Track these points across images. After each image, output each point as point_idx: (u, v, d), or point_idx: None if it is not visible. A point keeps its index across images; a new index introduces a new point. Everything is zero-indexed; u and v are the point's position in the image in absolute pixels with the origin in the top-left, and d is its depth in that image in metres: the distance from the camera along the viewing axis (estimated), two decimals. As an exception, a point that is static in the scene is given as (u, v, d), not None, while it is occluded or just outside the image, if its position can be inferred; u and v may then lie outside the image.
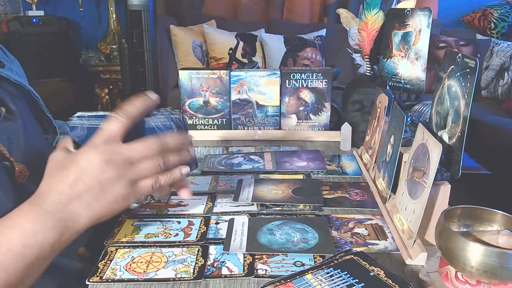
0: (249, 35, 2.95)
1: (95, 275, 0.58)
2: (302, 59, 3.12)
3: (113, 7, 3.53)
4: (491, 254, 0.48)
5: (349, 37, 1.06)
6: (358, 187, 0.86)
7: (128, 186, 0.55)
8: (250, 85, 1.14)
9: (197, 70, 1.15)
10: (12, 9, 3.48)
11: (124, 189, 0.55)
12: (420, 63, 0.86)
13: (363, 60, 1.06)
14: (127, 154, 0.55)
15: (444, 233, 0.53)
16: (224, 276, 0.58)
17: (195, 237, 0.67)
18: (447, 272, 0.55)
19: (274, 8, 3.48)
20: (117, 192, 0.54)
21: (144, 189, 0.57)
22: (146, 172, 0.56)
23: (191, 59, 3.09)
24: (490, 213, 0.58)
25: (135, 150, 0.55)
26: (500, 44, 3.02)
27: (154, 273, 0.59)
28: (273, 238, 0.66)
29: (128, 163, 0.55)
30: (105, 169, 0.53)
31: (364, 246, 0.66)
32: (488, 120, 2.55)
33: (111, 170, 0.53)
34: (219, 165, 0.96)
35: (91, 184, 0.53)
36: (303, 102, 1.15)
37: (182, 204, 0.78)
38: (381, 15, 0.98)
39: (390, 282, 0.54)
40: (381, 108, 0.89)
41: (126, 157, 0.55)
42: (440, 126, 0.66)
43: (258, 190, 0.82)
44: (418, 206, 0.61)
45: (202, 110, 1.16)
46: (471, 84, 0.57)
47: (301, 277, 0.55)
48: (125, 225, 0.71)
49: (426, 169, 0.61)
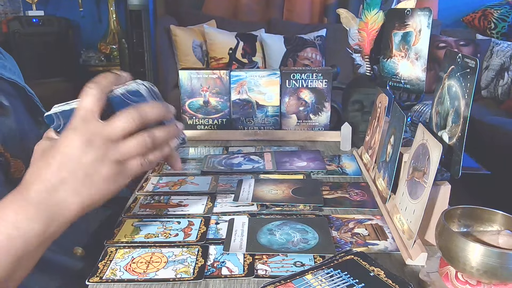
0: (249, 35, 2.96)
1: (95, 275, 0.58)
2: (302, 59, 3.12)
3: (113, 7, 3.54)
4: (491, 254, 0.48)
5: (349, 37, 1.06)
6: (358, 187, 0.86)
7: (115, 166, 0.52)
8: (250, 85, 1.14)
9: (197, 70, 1.15)
10: (12, 9, 3.48)
11: (111, 170, 0.51)
12: (420, 63, 0.86)
13: (363, 60, 1.06)
14: (107, 133, 0.51)
15: (444, 233, 0.53)
16: (224, 276, 0.58)
17: (195, 237, 0.67)
18: (447, 272, 0.55)
19: (274, 8, 3.48)
20: (104, 174, 0.51)
21: (133, 168, 0.53)
22: (132, 151, 0.52)
23: (191, 59, 3.09)
24: (490, 213, 0.57)
25: (115, 127, 0.51)
26: (500, 44, 3.02)
27: (154, 273, 0.59)
28: (273, 238, 0.66)
29: (110, 142, 0.51)
30: (86, 151, 0.50)
31: (364, 246, 0.66)
32: (488, 120, 2.55)
33: (93, 151, 0.50)
34: (219, 165, 0.96)
35: (74, 169, 0.50)
36: (303, 102, 1.15)
37: (182, 204, 0.78)
38: (381, 15, 0.98)
39: (390, 282, 0.54)
40: (381, 108, 0.89)
41: (106, 136, 0.51)
42: (440, 126, 0.66)
43: (258, 190, 0.82)
44: (418, 206, 0.61)
45: (202, 110, 1.16)
46: (471, 84, 0.57)
47: (301, 277, 0.55)
48: (125, 225, 0.71)
49: (426, 169, 0.61)
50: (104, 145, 0.51)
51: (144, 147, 0.53)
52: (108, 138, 0.51)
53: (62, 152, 0.50)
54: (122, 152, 0.52)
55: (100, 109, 0.51)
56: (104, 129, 0.51)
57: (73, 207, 0.51)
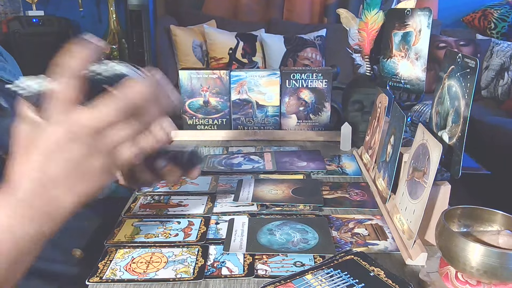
0: (249, 35, 2.96)
1: (95, 276, 0.58)
2: (302, 59, 3.12)
3: (113, 7, 3.53)
4: (491, 254, 0.48)
5: (349, 37, 1.06)
6: (358, 187, 0.86)
7: (105, 157, 0.48)
8: (250, 85, 1.14)
9: (197, 70, 1.15)
10: (12, 9, 3.48)
11: (101, 161, 0.48)
12: (420, 63, 0.86)
13: (363, 60, 1.06)
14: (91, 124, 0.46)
15: (444, 233, 0.53)
16: (224, 276, 0.58)
17: (195, 237, 0.67)
18: (447, 272, 0.55)
19: (274, 8, 3.48)
20: (95, 166, 0.48)
21: (125, 156, 0.49)
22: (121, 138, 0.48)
23: (191, 59, 3.09)
24: (490, 213, 0.57)
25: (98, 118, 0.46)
26: (500, 44, 3.02)
27: (154, 273, 0.59)
28: (273, 238, 0.66)
29: (95, 132, 0.47)
30: (72, 145, 0.46)
31: (364, 246, 0.66)
32: (488, 120, 2.55)
33: (79, 144, 0.47)
34: (219, 165, 0.96)
35: (62, 165, 0.47)
36: (303, 102, 1.15)
37: (182, 204, 0.78)
38: (381, 15, 0.98)
39: (390, 282, 0.54)
40: (381, 108, 0.89)
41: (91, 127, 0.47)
42: (440, 126, 0.66)
43: (258, 190, 0.82)
44: (418, 206, 0.61)
45: (202, 110, 1.16)
46: (471, 84, 0.57)
47: (301, 277, 0.55)
48: (125, 225, 0.71)
49: (426, 169, 0.61)
50: (90, 138, 0.47)
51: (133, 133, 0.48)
52: (93, 128, 0.47)
53: (47, 148, 0.47)
54: (109, 142, 0.48)
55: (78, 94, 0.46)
56: (87, 119, 0.46)
57: (66, 204, 0.49)
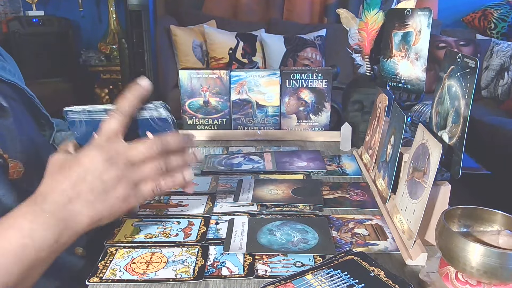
0: (249, 35, 2.96)
1: (95, 276, 0.58)
2: (302, 59, 3.12)
3: (113, 7, 3.54)
4: (492, 254, 0.48)
5: (349, 37, 1.06)
6: (358, 187, 0.86)
7: (130, 187, 0.55)
8: (250, 85, 1.14)
9: (197, 70, 1.15)
10: (12, 9, 3.48)
11: (126, 190, 0.54)
12: (420, 63, 0.86)
13: (363, 60, 1.06)
14: (129, 155, 0.55)
15: (445, 233, 0.53)
16: (224, 277, 0.58)
17: (195, 238, 0.67)
18: (447, 272, 0.55)
19: (274, 8, 3.48)
20: (119, 192, 0.54)
21: (145, 192, 0.57)
22: (147, 174, 0.56)
23: (191, 59, 3.09)
24: (490, 213, 0.57)
25: (137, 151, 0.55)
26: (500, 44, 3.02)
27: (154, 273, 0.59)
28: (273, 238, 0.66)
29: (130, 163, 0.54)
30: (107, 168, 0.53)
31: (364, 246, 0.66)
32: (488, 120, 2.55)
33: (114, 169, 0.53)
34: (219, 165, 0.96)
35: (93, 183, 0.52)
36: (303, 102, 1.15)
37: (182, 204, 0.78)
38: (381, 15, 0.98)
39: (390, 282, 0.54)
40: (381, 108, 0.89)
41: (128, 158, 0.54)
42: (440, 126, 0.66)
43: (258, 190, 0.82)
44: (418, 206, 0.61)
45: (202, 110, 1.16)
46: (471, 84, 0.57)
47: (301, 277, 0.55)
48: (125, 226, 0.71)
49: (426, 169, 0.61)
50: (124, 166, 0.54)
51: (158, 172, 0.56)
52: (129, 160, 0.54)
53: (83, 166, 0.53)
54: (138, 175, 0.55)
55: (124, 130, 0.56)
56: (127, 151, 0.55)
57: (85, 219, 0.53)
